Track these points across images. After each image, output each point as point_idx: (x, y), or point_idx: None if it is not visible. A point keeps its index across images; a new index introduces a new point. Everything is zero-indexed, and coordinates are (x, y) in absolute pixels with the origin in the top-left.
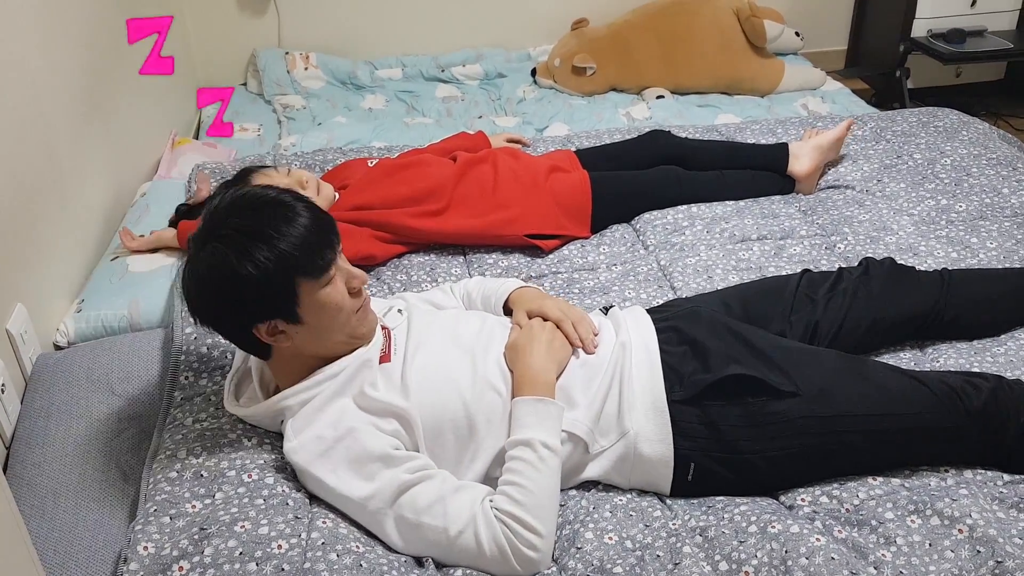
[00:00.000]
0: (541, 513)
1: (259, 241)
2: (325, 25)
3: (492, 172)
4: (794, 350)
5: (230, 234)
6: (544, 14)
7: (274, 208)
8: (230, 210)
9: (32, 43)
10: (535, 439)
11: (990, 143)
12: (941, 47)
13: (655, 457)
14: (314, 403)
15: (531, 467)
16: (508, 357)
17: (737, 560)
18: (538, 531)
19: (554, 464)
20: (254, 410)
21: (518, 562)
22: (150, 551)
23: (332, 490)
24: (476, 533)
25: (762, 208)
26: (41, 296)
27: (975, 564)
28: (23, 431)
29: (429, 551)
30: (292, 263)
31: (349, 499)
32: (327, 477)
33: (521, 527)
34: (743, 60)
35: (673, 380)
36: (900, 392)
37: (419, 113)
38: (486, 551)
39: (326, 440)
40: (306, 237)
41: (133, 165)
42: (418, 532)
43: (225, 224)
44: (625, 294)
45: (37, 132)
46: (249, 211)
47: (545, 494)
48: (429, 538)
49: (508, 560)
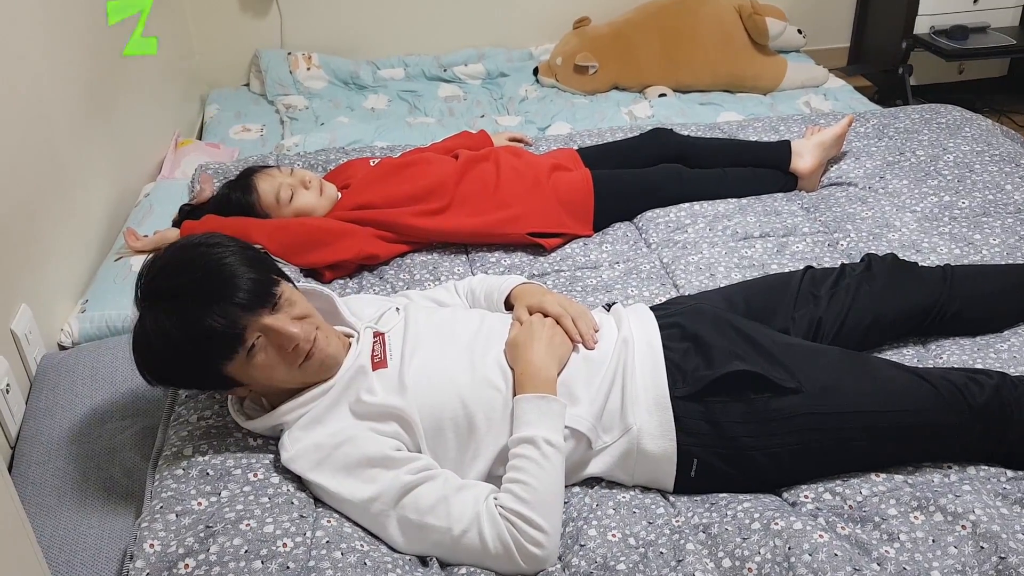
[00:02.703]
0: (545, 510)
1: (168, 324)
2: (327, 25)
3: (494, 170)
4: (797, 347)
5: (152, 305)
6: (546, 13)
7: (179, 300)
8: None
9: (35, 44)
10: (538, 436)
11: (993, 140)
12: (944, 44)
13: (658, 453)
14: (311, 415)
15: (535, 464)
16: (508, 354)
17: (740, 557)
18: (543, 528)
19: (557, 461)
20: (255, 424)
21: (523, 559)
22: (156, 549)
23: (334, 495)
24: (480, 532)
25: (764, 206)
26: (45, 296)
27: (978, 560)
28: (28, 430)
29: (433, 551)
30: (201, 348)
31: (351, 503)
32: (328, 483)
33: (526, 524)
34: (745, 58)
35: (676, 376)
36: (903, 389)
37: (421, 113)
38: (491, 549)
39: (324, 448)
40: (204, 327)
41: (136, 166)
42: (422, 532)
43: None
44: (628, 292)
45: (41, 133)
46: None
47: (549, 491)
48: (433, 538)
49: (513, 558)
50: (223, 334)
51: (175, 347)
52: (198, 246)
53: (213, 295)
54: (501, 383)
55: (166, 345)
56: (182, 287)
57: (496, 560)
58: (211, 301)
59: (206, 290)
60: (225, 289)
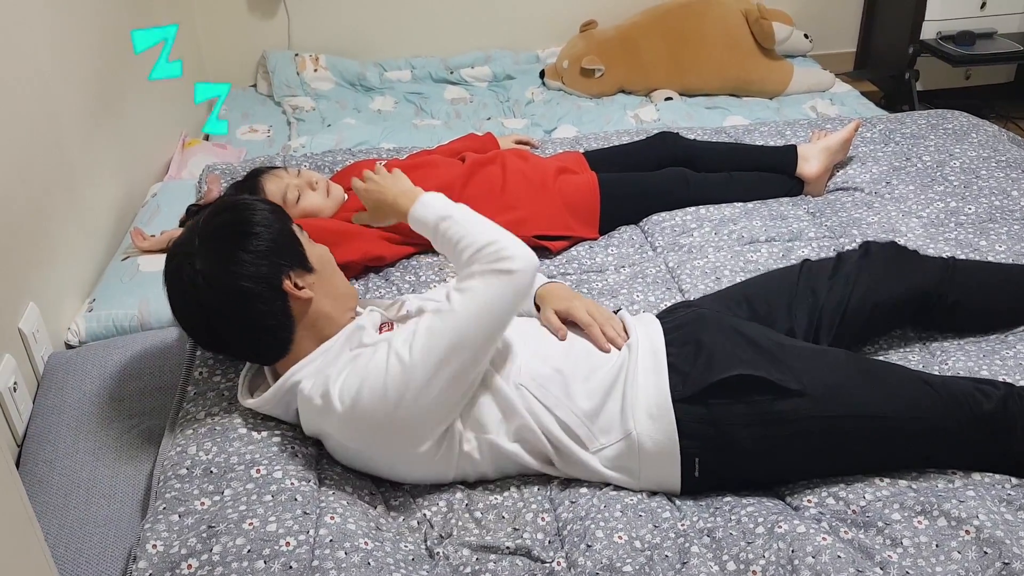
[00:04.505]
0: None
1: (246, 211)
2: (334, 27)
3: (500, 173)
4: (801, 349)
5: (213, 231)
6: (552, 16)
7: (229, 208)
8: (194, 230)
9: (43, 45)
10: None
11: (999, 146)
12: (950, 49)
13: (660, 456)
14: (318, 364)
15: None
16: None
17: (745, 560)
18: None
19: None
20: (265, 397)
21: (505, 274)
22: (159, 549)
23: (351, 385)
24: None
25: (770, 210)
26: (53, 295)
27: (982, 565)
28: (35, 429)
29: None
30: (281, 213)
31: (370, 373)
32: (350, 380)
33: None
34: (751, 62)
35: (677, 379)
36: (908, 394)
37: (428, 115)
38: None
39: (331, 372)
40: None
41: (144, 166)
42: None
43: (202, 233)
44: (633, 297)
45: (49, 133)
46: (212, 219)
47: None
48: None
49: (500, 276)
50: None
51: (268, 220)
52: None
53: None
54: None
55: (263, 221)
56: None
57: (499, 285)
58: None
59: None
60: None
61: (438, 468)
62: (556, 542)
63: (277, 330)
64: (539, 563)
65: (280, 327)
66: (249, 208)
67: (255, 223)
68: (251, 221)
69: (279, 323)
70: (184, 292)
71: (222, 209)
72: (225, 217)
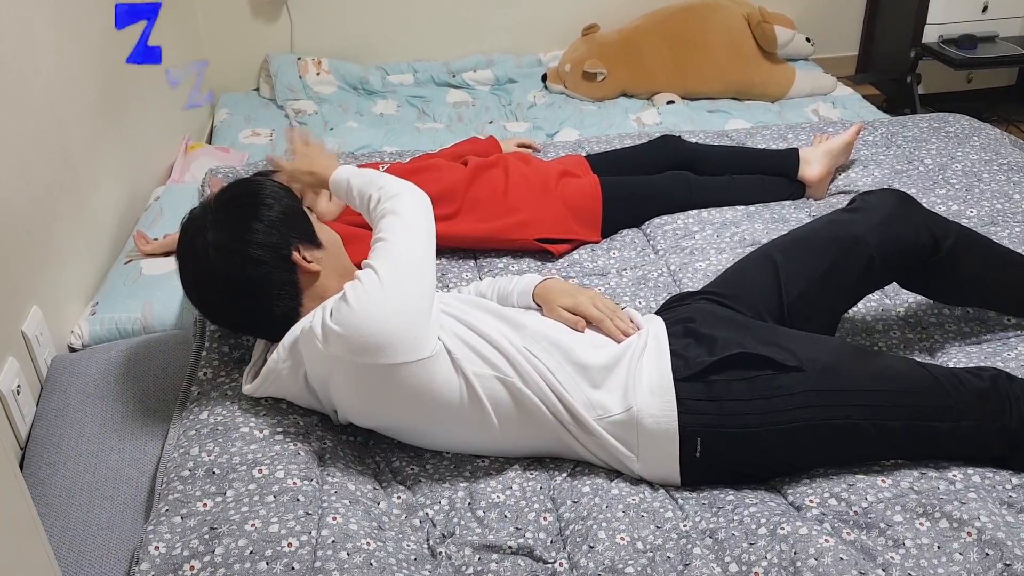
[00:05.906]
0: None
1: (257, 186)
2: (337, 31)
3: (503, 176)
4: (796, 334)
5: (225, 203)
6: (555, 20)
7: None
8: (207, 206)
9: (48, 49)
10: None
11: (1001, 149)
12: (952, 53)
13: (659, 432)
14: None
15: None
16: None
17: (747, 562)
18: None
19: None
20: (266, 370)
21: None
22: (161, 551)
23: (347, 308)
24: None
25: (772, 213)
26: (56, 298)
27: (984, 567)
28: (39, 432)
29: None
30: (290, 191)
31: (353, 295)
32: (338, 303)
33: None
34: (754, 66)
35: (678, 362)
36: (902, 372)
37: (430, 118)
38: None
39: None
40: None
41: (147, 169)
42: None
43: (215, 207)
44: (636, 304)
45: (52, 137)
46: (224, 194)
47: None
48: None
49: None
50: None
51: (278, 195)
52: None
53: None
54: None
55: (272, 196)
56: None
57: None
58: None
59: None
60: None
61: (462, 416)
62: (558, 542)
63: (284, 299)
64: (541, 563)
65: (287, 297)
66: (260, 184)
67: (266, 195)
68: (262, 194)
69: (286, 293)
70: (196, 263)
71: (234, 185)
72: (237, 190)
